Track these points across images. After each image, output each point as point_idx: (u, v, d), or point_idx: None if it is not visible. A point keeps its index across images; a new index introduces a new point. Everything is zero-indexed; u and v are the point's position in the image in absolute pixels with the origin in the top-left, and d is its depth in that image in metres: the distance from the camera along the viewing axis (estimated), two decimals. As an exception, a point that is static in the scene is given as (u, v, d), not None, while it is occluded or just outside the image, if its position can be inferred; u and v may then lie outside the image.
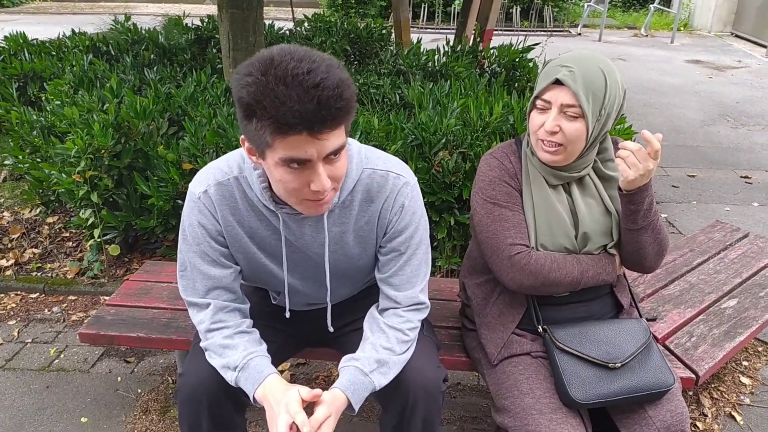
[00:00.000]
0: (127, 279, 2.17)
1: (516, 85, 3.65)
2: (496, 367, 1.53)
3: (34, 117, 3.01)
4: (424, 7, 10.19)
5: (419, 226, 1.36)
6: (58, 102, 2.99)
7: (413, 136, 2.59)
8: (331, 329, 1.52)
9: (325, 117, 1.01)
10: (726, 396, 2.18)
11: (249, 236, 1.33)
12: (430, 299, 1.43)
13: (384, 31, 4.48)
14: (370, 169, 1.31)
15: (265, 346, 1.35)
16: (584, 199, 1.48)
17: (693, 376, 1.70)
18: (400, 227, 1.34)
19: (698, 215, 3.77)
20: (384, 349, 1.31)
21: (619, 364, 1.42)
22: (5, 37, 4.34)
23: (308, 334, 1.62)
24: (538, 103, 1.39)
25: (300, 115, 0.99)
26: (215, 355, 1.31)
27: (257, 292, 1.60)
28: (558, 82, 1.34)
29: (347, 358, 1.31)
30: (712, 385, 2.23)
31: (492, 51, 3.92)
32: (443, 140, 2.57)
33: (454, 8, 10.17)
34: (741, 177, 4.36)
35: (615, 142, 1.54)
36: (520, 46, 3.92)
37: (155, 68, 3.64)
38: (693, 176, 4.37)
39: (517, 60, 3.79)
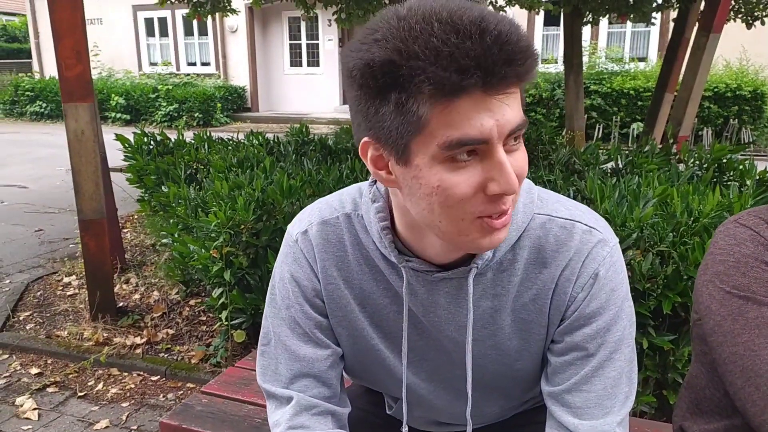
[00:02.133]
0: (232, 365, 1.85)
1: (726, 190, 2.96)
2: None
3: (192, 195, 3.02)
4: (599, 128, 9.71)
5: (621, 313, 0.83)
6: (213, 180, 2.99)
7: (594, 229, 2.06)
8: (470, 427, 0.96)
9: (509, 57, 0.62)
10: None
11: (358, 303, 0.90)
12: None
13: (556, 142, 4.09)
14: (546, 216, 0.84)
15: None
16: None
17: None
18: (590, 311, 0.82)
19: None
20: None
21: None
22: (194, 134, 4.73)
23: None
24: None
25: (472, 55, 0.61)
26: None
27: (368, 395, 1.14)
28: None
29: None
30: None
31: (691, 151, 3.30)
32: (635, 236, 1.99)
33: (635, 128, 9.54)
34: None
35: None
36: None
37: (314, 160, 3.61)
38: None
39: (724, 160, 3.11)
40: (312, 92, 14.36)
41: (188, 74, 14.22)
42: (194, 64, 14.90)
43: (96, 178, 2.83)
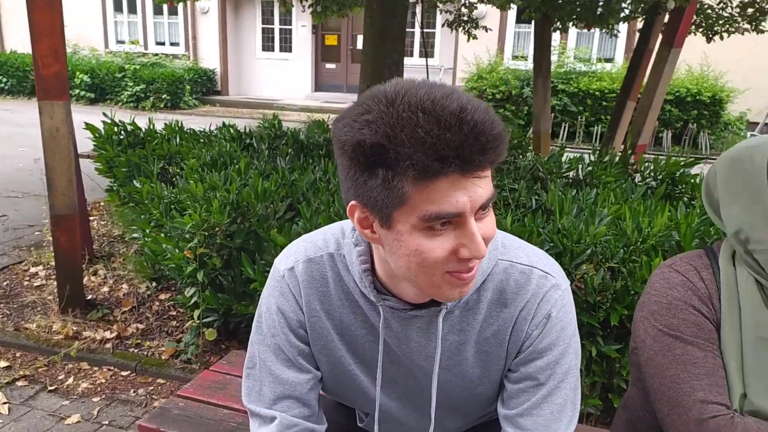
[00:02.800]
0: (208, 369, 1.93)
1: (678, 202, 3.14)
2: None
3: (165, 192, 3.06)
4: (565, 126, 9.96)
5: (569, 349, 0.96)
6: (189, 180, 3.03)
7: (552, 243, 2.20)
8: None
9: (483, 146, 0.73)
10: None
11: (338, 333, 1.01)
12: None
13: (523, 142, 4.24)
14: (508, 262, 0.95)
15: None
16: None
17: None
18: (542, 346, 0.94)
19: None
20: None
21: None
22: (165, 124, 4.71)
23: None
24: None
25: (452, 146, 0.71)
26: None
27: (339, 410, 1.25)
28: None
29: None
30: None
31: (647, 164, 3.48)
32: (588, 251, 2.14)
33: (598, 129, 9.82)
34: None
35: None
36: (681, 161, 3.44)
37: (288, 158, 3.67)
38: None
39: (677, 174, 3.30)
40: (283, 78, 14.26)
41: (157, 54, 13.94)
42: (163, 44, 14.61)
43: (69, 174, 2.84)
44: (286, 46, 14.29)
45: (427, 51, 8.18)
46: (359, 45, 12.13)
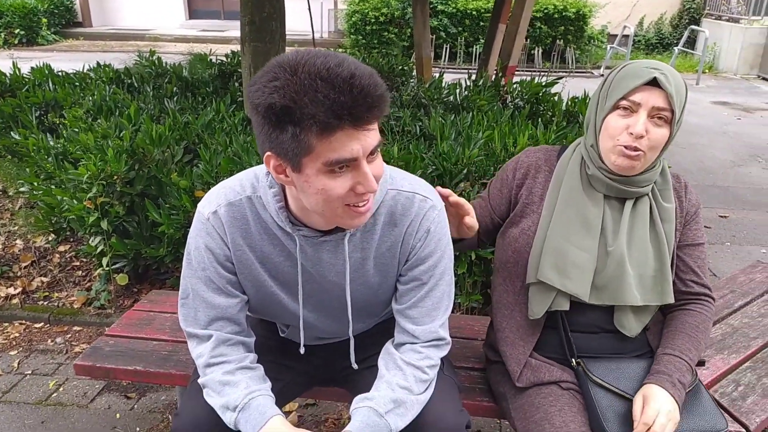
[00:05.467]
0: (131, 309, 2.07)
1: (540, 119, 3.55)
2: (523, 398, 1.38)
3: (51, 143, 2.98)
4: (446, 48, 10.27)
5: (444, 255, 1.24)
6: (75, 129, 2.97)
7: (434, 167, 2.49)
8: (356, 366, 1.38)
9: (370, 105, 0.94)
10: (776, 454, 1.97)
11: (260, 262, 1.22)
12: (450, 337, 1.30)
13: (406, 68, 4.45)
14: (395, 190, 1.21)
15: (269, 384, 1.23)
16: (633, 221, 1.36)
17: (743, 430, 1.52)
18: (424, 254, 1.22)
19: (732, 257, 3.57)
20: (401, 388, 1.18)
21: None
22: (31, 68, 4.40)
23: (318, 372, 1.49)
24: (623, 104, 1.27)
25: (345, 106, 0.92)
26: (214, 393, 1.18)
27: (262, 325, 1.48)
28: (650, 84, 1.24)
29: (360, 398, 1.18)
30: (760, 442, 2.02)
31: (515, 86, 3.85)
32: (465, 171, 2.46)
33: (476, 49, 10.23)
34: (777, 218, 4.17)
35: (677, 176, 1.45)
36: (544, 81, 3.84)
37: (176, 99, 3.64)
38: (725, 217, 4.19)
39: (540, 94, 3.70)
40: (153, 4, 13.23)
41: (1, -18, 12.35)
42: (6, -31, 12.91)
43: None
44: (152, -32, 13.19)
45: (305, -25, 7.96)
46: (233, -33, 11.47)
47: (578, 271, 1.34)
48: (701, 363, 1.48)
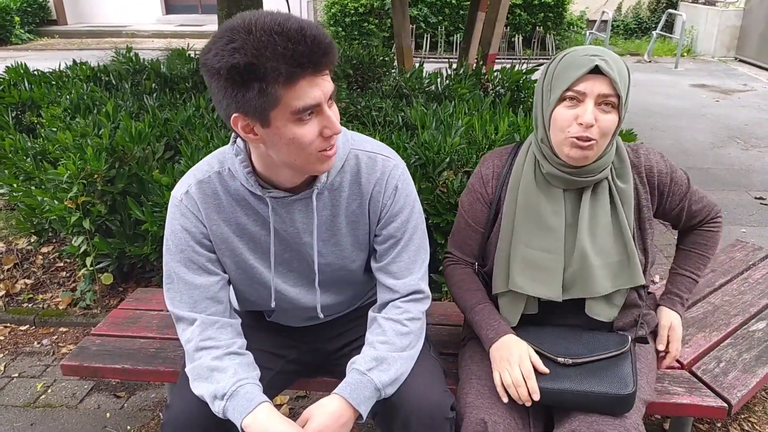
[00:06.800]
0: (116, 308, 2.06)
1: (521, 106, 3.57)
2: (462, 352, 1.54)
3: (29, 144, 2.94)
4: (427, 37, 10.26)
5: (414, 209, 1.30)
6: (53, 128, 2.93)
7: (416, 156, 2.50)
8: (321, 316, 1.40)
9: (325, 51, 1.01)
10: (758, 427, 2.02)
11: (237, 235, 1.26)
12: (435, 324, 1.32)
13: (387, 58, 4.44)
14: (357, 150, 1.27)
15: (258, 372, 1.24)
16: (593, 211, 1.37)
17: (725, 405, 1.56)
18: (395, 210, 1.28)
19: (714, 237, 3.63)
20: (381, 344, 1.23)
21: (570, 362, 1.33)
22: (6, 67, 4.32)
23: (306, 358, 1.51)
24: (569, 95, 1.27)
25: (304, 54, 0.99)
26: (202, 380, 1.20)
27: (250, 314, 1.49)
28: (592, 72, 1.25)
29: (348, 364, 1.24)
30: (742, 416, 2.07)
31: (495, 74, 3.86)
32: (447, 159, 2.47)
33: (457, 38, 10.22)
34: (756, 198, 4.24)
35: (635, 150, 1.44)
36: (524, 68, 3.85)
37: (155, 95, 3.60)
38: (706, 198, 4.25)
39: (521, 81, 3.72)
40: (129, 0, 13.04)
41: (-30, -19, 12.08)
42: (-25, -33, 12.62)
43: None
44: (127, -37, 12.98)
45: (283, -33, 7.90)
46: (209, -39, 11.34)
47: (546, 274, 1.36)
48: (643, 338, 1.48)
